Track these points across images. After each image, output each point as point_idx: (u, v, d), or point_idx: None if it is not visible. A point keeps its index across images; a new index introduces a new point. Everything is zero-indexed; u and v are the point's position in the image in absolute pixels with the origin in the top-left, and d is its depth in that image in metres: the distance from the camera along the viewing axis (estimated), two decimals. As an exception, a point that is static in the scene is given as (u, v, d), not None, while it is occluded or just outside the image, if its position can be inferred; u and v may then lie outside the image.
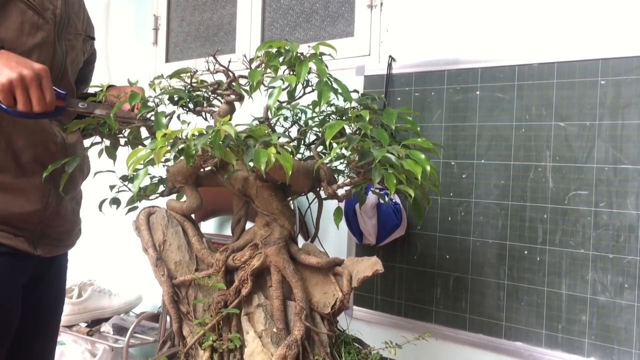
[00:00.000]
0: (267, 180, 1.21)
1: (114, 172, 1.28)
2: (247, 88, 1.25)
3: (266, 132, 1.10)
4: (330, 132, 1.08)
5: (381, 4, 1.91)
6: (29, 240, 1.22)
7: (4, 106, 1.05)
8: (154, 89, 1.29)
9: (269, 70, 1.23)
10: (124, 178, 1.29)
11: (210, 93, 1.33)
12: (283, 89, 1.20)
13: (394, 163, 1.05)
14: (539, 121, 1.56)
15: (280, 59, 1.21)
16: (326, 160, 1.18)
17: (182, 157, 1.04)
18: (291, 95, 1.28)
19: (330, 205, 1.40)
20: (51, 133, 1.22)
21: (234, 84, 1.28)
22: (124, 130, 1.26)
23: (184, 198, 1.33)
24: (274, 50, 1.22)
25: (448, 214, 1.72)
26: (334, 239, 1.87)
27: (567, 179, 1.52)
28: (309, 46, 1.23)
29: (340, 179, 1.28)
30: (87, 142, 1.28)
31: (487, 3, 1.68)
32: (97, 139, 1.27)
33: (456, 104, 1.70)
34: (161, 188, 1.32)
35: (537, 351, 1.56)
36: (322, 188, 1.23)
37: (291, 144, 1.25)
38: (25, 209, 1.19)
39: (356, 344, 1.33)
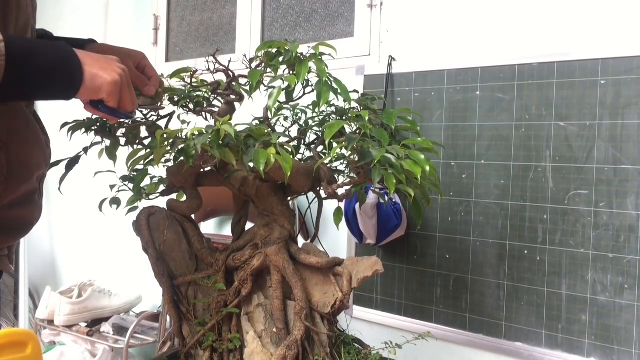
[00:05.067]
0: (266, 180, 1.21)
1: (114, 172, 1.27)
2: (247, 88, 1.25)
3: (266, 132, 1.10)
4: (330, 131, 1.09)
5: (381, 3, 1.91)
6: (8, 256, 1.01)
7: (108, 109, 0.91)
8: None
9: (269, 70, 1.23)
10: (124, 178, 1.29)
11: (210, 93, 1.33)
12: (283, 89, 1.20)
13: (393, 163, 1.05)
14: (539, 121, 1.56)
15: (280, 59, 1.21)
16: (326, 160, 1.18)
17: (182, 158, 1.04)
18: (289, 96, 1.28)
19: (330, 205, 1.41)
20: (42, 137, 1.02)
21: (234, 84, 1.28)
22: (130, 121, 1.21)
23: (184, 198, 1.33)
24: (274, 50, 1.22)
25: (448, 214, 1.72)
26: (334, 239, 1.87)
27: (567, 179, 1.52)
28: (309, 46, 1.23)
29: (340, 179, 1.28)
30: (87, 142, 1.27)
31: (487, 3, 1.68)
32: (98, 138, 1.26)
33: (456, 104, 1.70)
34: (161, 188, 1.32)
35: (537, 351, 1.56)
36: (322, 188, 1.23)
37: (291, 144, 1.25)
38: (36, 218, 1.01)
39: (356, 344, 1.33)
